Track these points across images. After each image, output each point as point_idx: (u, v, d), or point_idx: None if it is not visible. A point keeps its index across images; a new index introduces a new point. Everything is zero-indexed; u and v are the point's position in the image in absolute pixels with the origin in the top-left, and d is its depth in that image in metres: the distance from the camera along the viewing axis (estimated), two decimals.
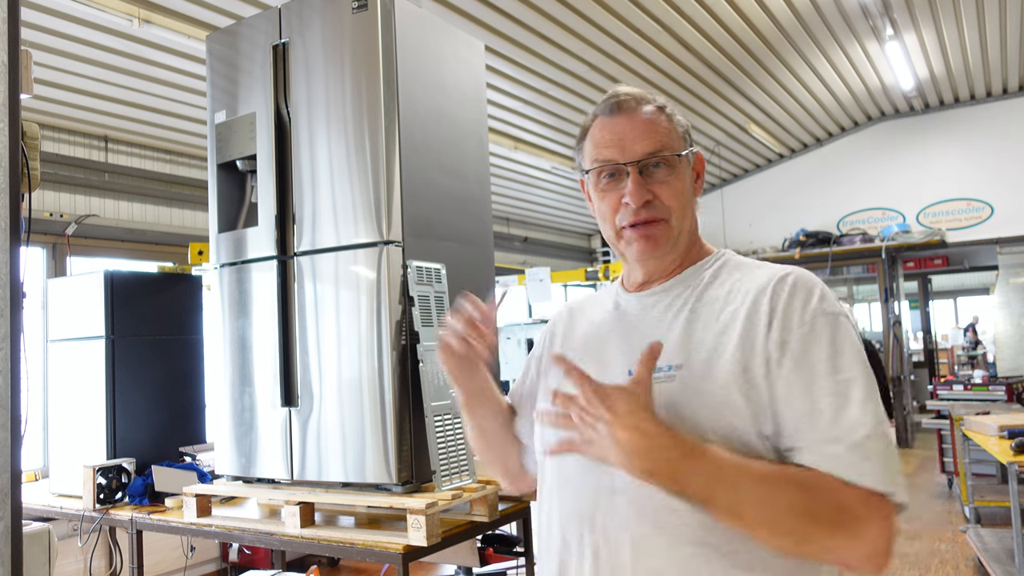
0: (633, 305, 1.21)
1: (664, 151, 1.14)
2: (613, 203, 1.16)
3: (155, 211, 5.64)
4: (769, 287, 1.08)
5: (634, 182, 1.13)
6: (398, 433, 2.57)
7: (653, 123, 1.15)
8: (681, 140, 1.18)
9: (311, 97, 2.81)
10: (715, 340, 1.07)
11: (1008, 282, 8.73)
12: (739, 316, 1.07)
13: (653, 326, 1.15)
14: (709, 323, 1.10)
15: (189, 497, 2.88)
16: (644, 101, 1.17)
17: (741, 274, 1.15)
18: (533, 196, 9.03)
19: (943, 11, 6.41)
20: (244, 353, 2.94)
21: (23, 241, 1.47)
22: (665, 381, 1.06)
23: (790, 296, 1.06)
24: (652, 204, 1.14)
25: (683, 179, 1.16)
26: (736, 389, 1.01)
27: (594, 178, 1.18)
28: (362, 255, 2.67)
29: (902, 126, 9.51)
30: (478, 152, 3.19)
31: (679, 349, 1.09)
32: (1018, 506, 3.61)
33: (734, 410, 1.01)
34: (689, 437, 0.97)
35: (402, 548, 2.37)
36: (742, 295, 1.10)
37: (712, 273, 1.18)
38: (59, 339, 3.70)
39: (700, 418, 1.01)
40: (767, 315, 1.05)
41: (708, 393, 1.03)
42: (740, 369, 1.02)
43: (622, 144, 1.14)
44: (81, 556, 4.46)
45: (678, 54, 6.21)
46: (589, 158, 1.19)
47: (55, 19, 3.92)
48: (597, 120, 1.19)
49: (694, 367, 1.06)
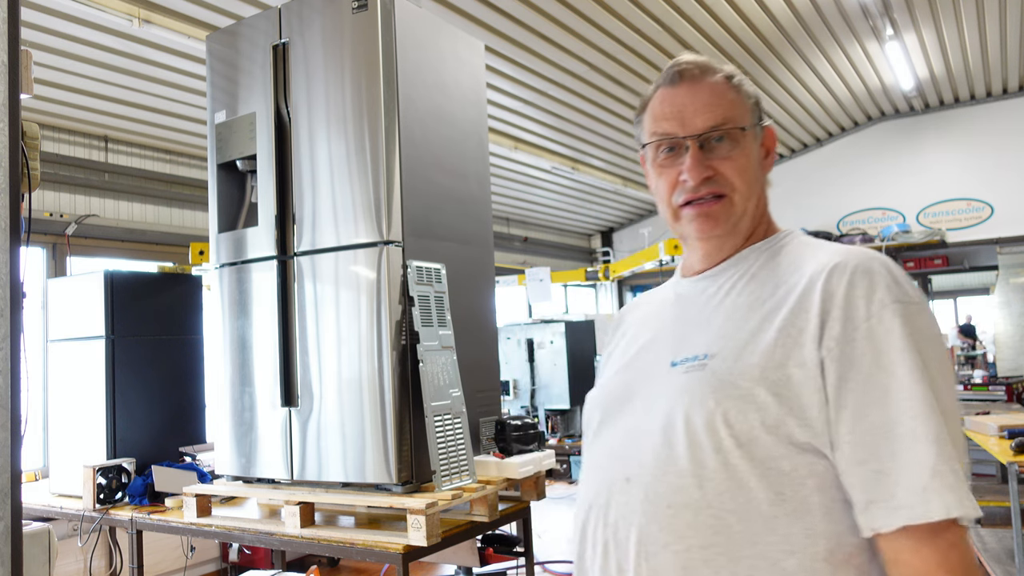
0: (687, 290, 1.14)
1: (727, 124, 1.05)
2: (671, 180, 1.08)
3: (155, 211, 5.64)
4: (825, 271, 0.95)
5: (693, 157, 1.04)
6: (398, 433, 2.57)
7: (717, 94, 1.06)
8: (748, 113, 1.08)
9: (311, 97, 2.81)
10: (755, 327, 0.97)
11: (1008, 282, 8.72)
12: (787, 303, 0.96)
13: (698, 311, 1.08)
14: (753, 308, 1.00)
15: (189, 497, 2.88)
16: (709, 70, 1.08)
17: (799, 255, 1.04)
18: (533, 196, 9.03)
19: (943, 11, 6.41)
20: (244, 353, 2.94)
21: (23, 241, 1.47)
22: (696, 370, 0.99)
23: (850, 284, 0.93)
24: (712, 179, 1.05)
25: (748, 154, 1.07)
26: (766, 385, 0.92)
27: (652, 153, 1.10)
28: (362, 255, 2.67)
29: (902, 126, 9.51)
30: (478, 152, 3.19)
31: (716, 337, 1.01)
32: (1018, 506, 3.60)
33: (759, 407, 0.92)
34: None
35: (402, 548, 2.37)
36: (795, 278, 0.99)
37: (769, 255, 1.07)
38: (59, 339, 3.70)
39: (722, 411, 0.93)
40: (819, 305, 0.93)
41: (733, 386, 0.94)
42: (776, 363, 0.93)
43: (682, 117, 1.06)
44: (81, 556, 4.45)
45: (678, 54, 6.20)
46: (647, 131, 1.10)
47: (55, 19, 3.92)
48: (658, 91, 1.11)
49: (726, 356, 0.97)
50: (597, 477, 1.06)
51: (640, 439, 1.01)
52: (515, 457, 2.88)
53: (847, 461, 0.89)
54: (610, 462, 1.05)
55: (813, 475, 0.90)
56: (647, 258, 8.44)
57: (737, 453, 0.91)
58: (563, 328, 8.40)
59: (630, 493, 0.99)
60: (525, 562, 3.05)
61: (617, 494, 1.01)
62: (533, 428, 3.05)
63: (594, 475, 1.08)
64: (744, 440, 0.92)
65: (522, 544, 3.14)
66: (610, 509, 1.01)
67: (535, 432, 3.05)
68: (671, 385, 1.01)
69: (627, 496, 0.99)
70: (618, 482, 1.01)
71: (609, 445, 1.07)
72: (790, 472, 0.90)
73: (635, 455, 1.00)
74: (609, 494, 1.02)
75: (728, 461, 0.92)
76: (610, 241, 11.48)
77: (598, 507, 1.03)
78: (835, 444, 0.90)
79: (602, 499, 1.03)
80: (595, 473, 1.08)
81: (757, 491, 0.91)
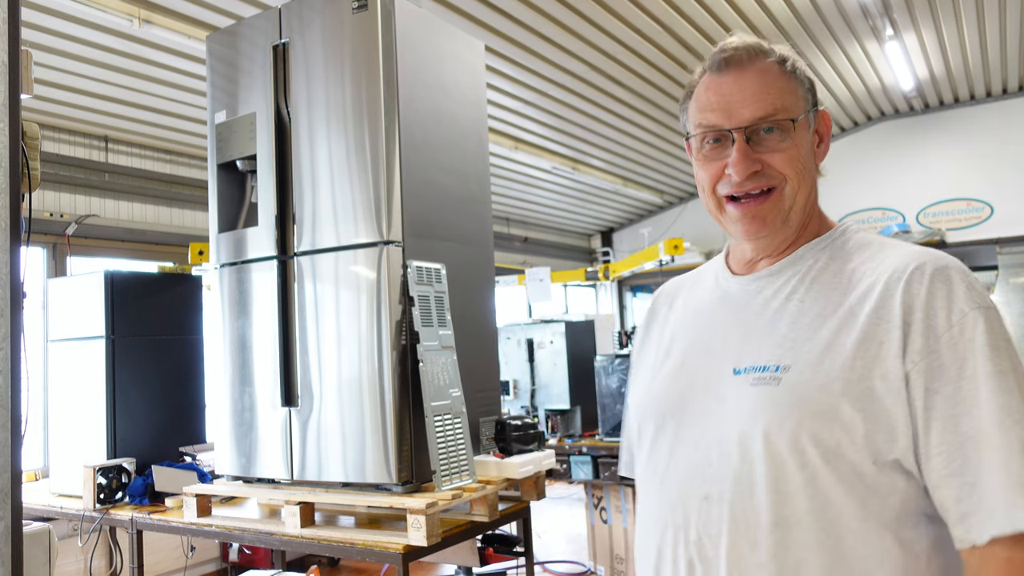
0: (738, 290, 1.08)
1: (778, 115, 0.99)
2: (715, 172, 1.02)
3: (155, 211, 5.64)
4: (903, 277, 0.92)
5: (739, 151, 0.98)
6: (398, 433, 2.57)
7: (767, 82, 1.00)
8: (802, 100, 1.02)
9: (311, 97, 2.81)
10: (830, 337, 0.93)
11: (1008, 282, 8.73)
12: (863, 310, 0.93)
13: (757, 315, 1.02)
14: (824, 315, 0.95)
15: (189, 497, 2.88)
16: (758, 54, 1.01)
17: (866, 256, 1.00)
18: (533, 196, 9.03)
19: (943, 11, 6.41)
20: (244, 353, 2.94)
21: (23, 241, 1.47)
22: (768, 384, 0.94)
23: (930, 292, 0.90)
24: (761, 173, 0.99)
25: (800, 145, 1.01)
26: (849, 400, 0.89)
27: (697, 143, 1.04)
28: (362, 255, 2.67)
29: (902, 126, 9.51)
30: (478, 152, 3.19)
31: (786, 347, 0.96)
32: None
33: (844, 425, 0.89)
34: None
35: (402, 548, 2.37)
36: (867, 283, 0.95)
37: (830, 254, 1.02)
38: (59, 339, 3.70)
39: (807, 430, 0.90)
40: (900, 315, 0.90)
41: (815, 402, 0.90)
42: (858, 376, 0.90)
43: (728, 107, 1.00)
44: (81, 556, 4.45)
45: (678, 54, 6.21)
46: (693, 121, 1.05)
47: (55, 19, 3.92)
48: (704, 77, 1.05)
49: (802, 369, 0.93)
50: (670, 494, 1.03)
51: (713, 455, 0.98)
52: (515, 457, 2.88)
53: (938, 474, 0.87)
54: (683, 479, 1.02)
55: (896, 492, 0.90)
56: (647, 258, 8.43)
57: (825, 470, 0.90)
58: (563, 328, 8.39)
59: (710, 512, 0.97)
60: (525, 562, 3.05)
61: (695, 512, 0.98)
62: (533, 428, 3.05)
63: (665, 491, 1.04)
64: (830, 457, 0.90)
65: (522, 544, 3.14)
66: (690, 528, 0.99)
67: (535, 432, 3.05)
68: (740, 398, 0.98)
69: (707, 515, 0.97)
70: (695, 499, 0.99)
71: (677, 459, 1.03)
72: (875, 487, 0.90)
73: (711, 473, 0.97)
74: (686, 511, 1.00)
75: (814, 478, 0.90)
76: (610, 241, 11.48)
77: (675, 525, 1.01)
78: (925, 456, 0.88)
79: (679, 517, 1.01)
80: (666, 489, 1.04)
81: (845, 506, 0.90)
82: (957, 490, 0.86)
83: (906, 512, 0.90)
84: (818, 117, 1.06)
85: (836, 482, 0.90)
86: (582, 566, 5.26)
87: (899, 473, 0.90)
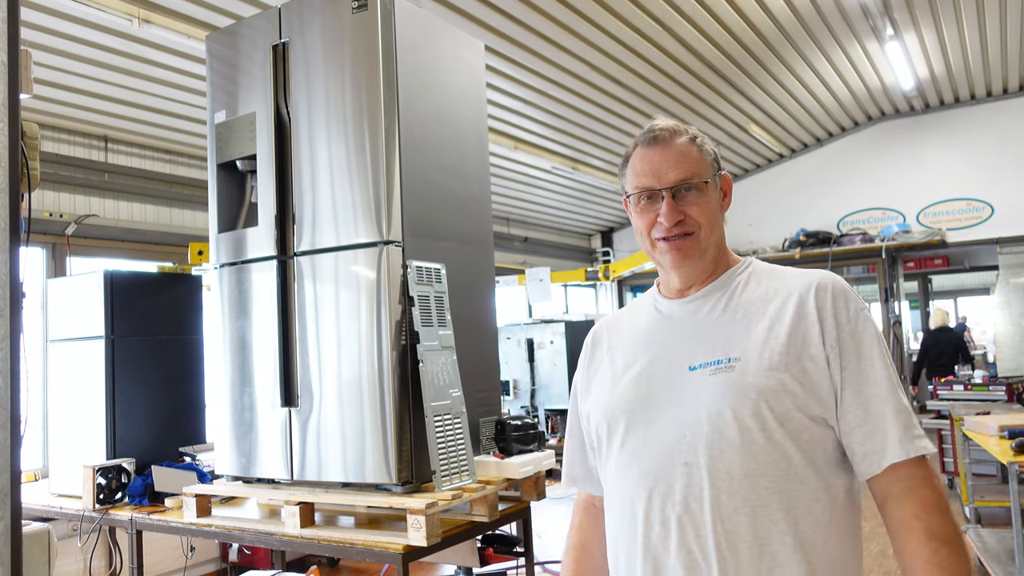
0: (677, 310, 1.38)
1: (694, 178, 1.32)
2: (650, 220, 1.35)
3: (155, 211, 5.64)
4: (812, 290, 1.28)
5: (668, 205, 1.32)
6: (398, 433, 2.57)
7: (685, 154, 1.33)
8: (709, 167, 1.36)
9: (311, 97, 2.81)
10: (765, 333, 1.26)
11: (1008, 282, 8.72)
12: (786, 313, 1.27)
13: (700, 325, 1.34)
14: (757, 319, 1.29)
15: (189, 497, 2.88)
16: (677, 133, 1.35)
17: (772, 278, 1.35)
18: (533, 196, 9.03)
19: (943, 11, 6.41)
20: (244, 353, 2.94)
21: (23, 241, 1.47)
22: (724, 372, 1.25)
23: (834, 299, 1.27)
24: (683, 222, 1.32)
25: (710, 200, 1.34)
26: (791, 376, 1.22)
27: (635, 200, 1.36)
28: (362, 255, 2.67)
29: (902, 126, 9.50)
30: (478, 152, 3.19)
31: (734, 343, 1.27)
32: (1018, 506, 3.60)
33: (791, 393, 1.21)
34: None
35: (402, 548, 2.37)
36: (783, 296, 1.30)
37: (745, 279, 1.37)
38: (59, 339, 3.69)
39: (764, 400, 1.21)
40: (816, 314, 1.25)
41: (767, 379, 1.22)
42: (793, 359, 1.23)
43: (658, 173, 1.33)
44: (81, 556, 4.45)
45: (678, 54, 6.20)
46: (631, 184, 1.37)
47: (55, 19, 3.92)
48: (637, 150, 1.37)
49: (750, 357, 1.24)
50: (650, 469, 1.28)
51: (686, 431, 1.25)
52: (515, 457, 2.88)
53: (848, 425, 1.23)
54: (660, 454, 1.27)
55: (824, 440, 1.23)
56: (647, 258, 8.43)
57: (780, 431, 1.21)
58: (563, 328, 8.41)
59: (691, 475, 1.23)
60: (525, 562, 3.05)
61: (680, 477, 1.24)
62: (533, 428, 3.05)
63: (643, 468, 1.29)
64: (783, 419, 1.21)
65: (522, 544, 3.14)
66: (674, 491, 1.25)
67: (535, 432, 3.05)
68: (701, 385, 1.26)
69: (689, 477, 1.24)
70: (677, 467, 1.25)
71: (652, 442, 1.29)
72: (810, 440, 1.22)
73: (686, 445, 1.24)
74: (670, 479, 1.25)
75: (772, 438, 1.21)
76: (610, 241, 11.48)
77: (660, 494, 1.26)
78: (840, 415, 1.24)
79: (663, 486, 1.26)
80: (644, 466, 1.29)
81: (795, 457, 1.21)
82: (862, 436, 1.22)
83: (828, 460, 1.23)
84: (722, 179, 1.40)
85: (786, 438, 1.21)
86: None
87: (825, 428, 1.23)
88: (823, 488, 1.22)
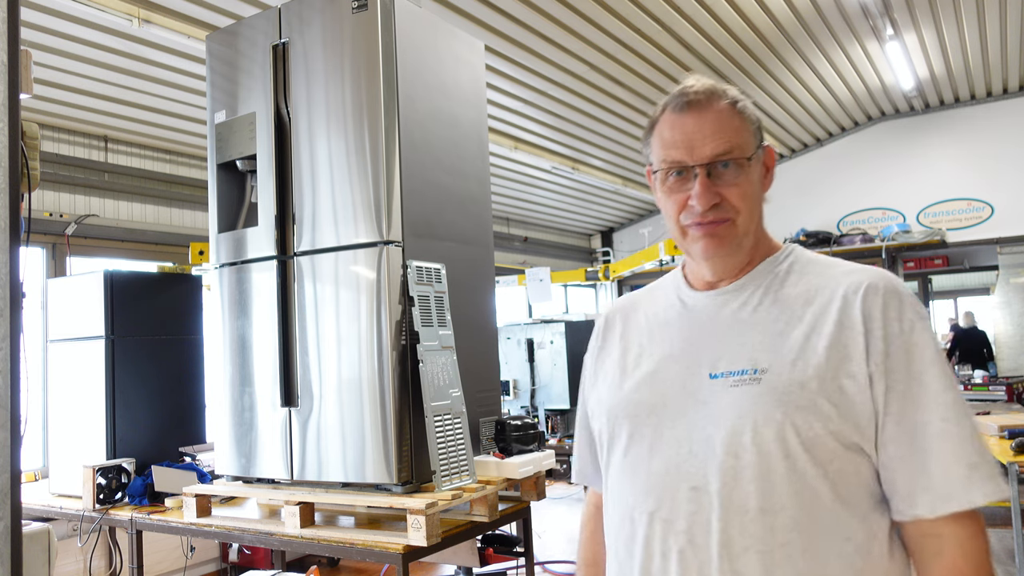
0: (704, 304, 1.18)
1: (733, 152, 1.10)
2: (679, 202, 1.13)
3: (155, 211, 5.64)
4: (860, 292, 1.07)
5: (701, 185, 1.09)
6: (398, 433, 2.57)
7: (723, 122, 1.11)
8: (752, 137, 1.13)
9: (311, 97, 2.81)
10: (802, 341, 1.06)
11: (1008, 282, 8.73)
12: (828, 319, 1.06)
13: (728, 325, 1.13)
14: (794, 323, 1.08)
15: (189, 497, 2.88)
16: (716, 96, 1.12)
17: (817, 273, 1.14)
18: (533, 196, 9.03)
19: (943, 11, 6.41)
20: (244, 353, 2.94)
21: (23, 241, 1.47)
22: (749, 384, 1.05)
23: (885, 305, 1.05)
24: (719, 206, 1.10)
25: (752, 180, 1.12)
26: (825, 396, 1.02)
27: (661, 176, 1.14)
28: (362, 255, 2.67)
29: (902, 126, 9.50)
30: (478, 152, 3.19)
31: (763, 350, 1.07)
32: (1018, 506, 3.60)
33: (823, 416, 1.01)
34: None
35: (402, 548, 2.37)
36: (826, 297, 1.08)
37: (784, 271, 1.15)
38: (59, 339, 3.69)
39: (791, 422, 1.01)
40: (862, 323, 1.04)
41: (797, 397, 1.02)
42: (831, 375, 1.02)
43: (690, 145, 1.10)
44: (81, 556, 4.45)
45: (678, 54, 6.20)
46: (657, 157, 1.15)
47: (55, 19, 3.92)
48: (666, 115, 1.14)
49: (780, 370, 1.05)
50: (653, 489, 1.10)
51: (697, 450, 1.07)
52: (515, 457, 2.88)
53: (891, 458, 1.02)
54: (666, 474, 1.09)
55: (859, 472, 1.03)
56: (647, 258, 8.43)
57: (804, 458, 1.01)
58: (563, 328, 8.40)
59: (700, 502, 1.05)
60: (525, 562, 3.05)
61: (684, 503, 1.06)
62: (533, 428, 3.04)
63: (646, 485, 1.12)
64: (810, 445, 1.01)
65: (522, 544, 3.14)
66: (678, 518, 1.07)
67: (535, 432, 3.05)
68: (722, 397, 1.07)
69: (697, 505, 1.05)
70: (683, 491, 1.07)
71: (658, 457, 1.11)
72: (842, 470, 1.02)
73: (694, 466, 1.06)
74: (674, 504, 1.08)
75: (796, 466, 1.01)
76: (610, 241, 11.48)
77: (663, 519, 1.08)
78: (881, 443, 1.03)
79: (666, 511, 1.08)
80: (646, 485, 1.11)
81: (822, 490, 1.01)
82: (907, 472, 1.01)
83: (866, 495, 1.03)
84: (765, 152, 1.17)
85: (813, 467, 1.01)
86: None
87: (860, 456, 1.03)
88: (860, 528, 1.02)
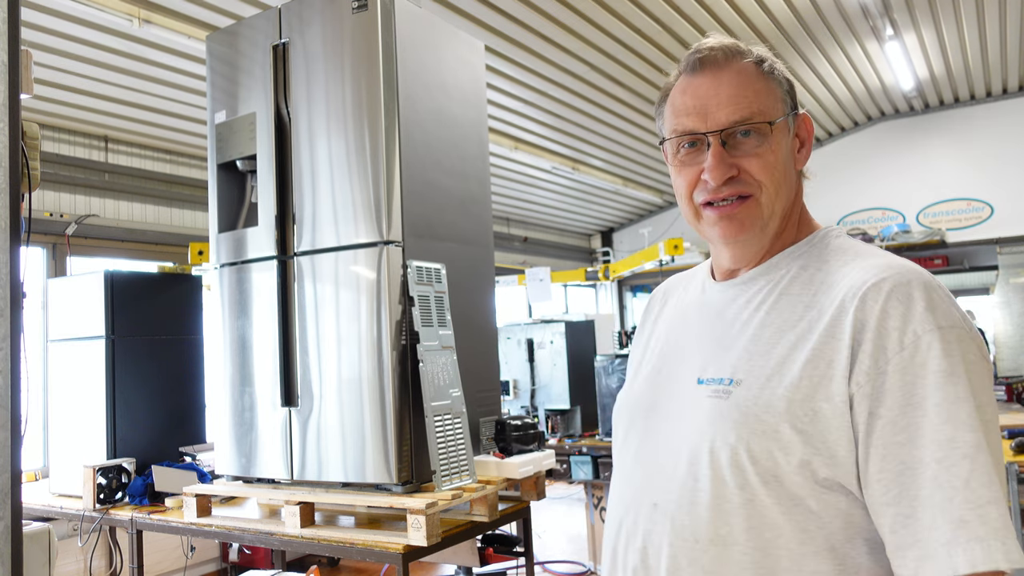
0: (716, 297, 1.05)
1: (755, 118, 0.94)
2: (691, 178, 0.98)
3: (155, 211, 5.64)
4: (859, 293, 0.87)
5: (714, 155, 0.94)
6: (398, 433, 2.57)
7: (743, 83, 0.96)
8: (780, 102, 0.98)
9: (311, 97, 2.81)
10: (785, 353, 0.90)
11: (1008, 282, 8.73)
12: (815, 329, 0.89)
13: (729, 324, 1.00)
14: (784, 330, 0.93)
15: (189, 497, 2.88)
16: (735, 54, 0.97)
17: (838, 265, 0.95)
18: (533, 196, 9.03)
19: (943, 11, 6.41)
20: (244, 353, 2.94)
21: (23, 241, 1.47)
22: (719, 397, 0.93)
23: (883, 311, 0.85)
24: (736, 179, 0.95)
25: (777, 150, 0.96)
26: (789, 421, 0.87)
27: (672, 148, 1.00)
28: (362, 255, 2.67)
29: (902, 126, 9.50)
30: (478, 152, 3.19)
31: (745, 359, 0.94)
32: (1018, 506, 3.61)
33: (783, 446, 0.86)
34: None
35: (402, 548, 2.37)
36: (830, 297, 0.91)
37: (803, 263, 0.98)
38: (59, 339, 3.69)
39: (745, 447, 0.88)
40: (851, 332, 0.86)
41: (756, 420, 0.89)
42: (802, 396, 0.87)
43: (704, 110, 0.95)
44: (81, 556, 4.45)
45: (678, 54, 6.20)
46: (668, 126, 1.01)
47: (55, 19, 3.92)
48: (680, 79, 1.00)
49: (751, 385, 0.91)
50: (626, 495, 1.02)
51: (665, 463, 0.97)
52: (515, 457, 2.88)
53: (876, 502, 0.84)
54: (637, 482, 1.01)
55: (839, 514, 0.87)
56: (647, 258, 8.43)
57: (763, 491, 0.88)
58: (563, 328, 8.38)
59: (656, 521, 0.95)
60: (525, 562, 3.05)
61: (644, 519, 0.97)
62: (533, 428, 3.05)
63: (623, 491, 1.04)
64: (769, 478, 0.87)
65: (522, 544, 3.14)
66: (637, 533, 0.98)
67: (535, 432, 3.05)
68: (697, 408, 0.96)
69: (654, 523, 0.95)
70: (646, 506, 0.97)
71: (637, 460, 1.03)
72: (817, 511, 0.87)
73: (661, 481, 0.96)
74: (636, 516, 0.98)
75: (754, 498, 0.88)
76: (610, 241, 11.48)
77: (627, 530, 1.00)
78: (865, 482, 0.85)
79: (630, 521, 1.00)
80: (624, 489, 1.04)
81: (784, 528, 0.87)
82: (891, 520, 0.82)
83: (849, 536, 0.87)
84: (798, 120, 1.02)
85: (774, 504, 0.87)
86: (582, 566, 5.26)
87: (842, 494, 0.87)
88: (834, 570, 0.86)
